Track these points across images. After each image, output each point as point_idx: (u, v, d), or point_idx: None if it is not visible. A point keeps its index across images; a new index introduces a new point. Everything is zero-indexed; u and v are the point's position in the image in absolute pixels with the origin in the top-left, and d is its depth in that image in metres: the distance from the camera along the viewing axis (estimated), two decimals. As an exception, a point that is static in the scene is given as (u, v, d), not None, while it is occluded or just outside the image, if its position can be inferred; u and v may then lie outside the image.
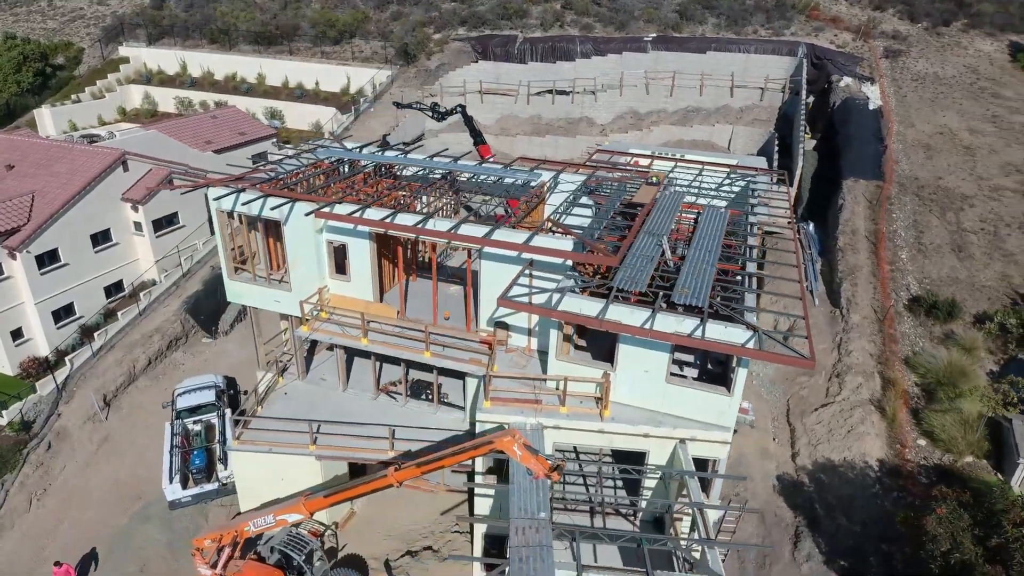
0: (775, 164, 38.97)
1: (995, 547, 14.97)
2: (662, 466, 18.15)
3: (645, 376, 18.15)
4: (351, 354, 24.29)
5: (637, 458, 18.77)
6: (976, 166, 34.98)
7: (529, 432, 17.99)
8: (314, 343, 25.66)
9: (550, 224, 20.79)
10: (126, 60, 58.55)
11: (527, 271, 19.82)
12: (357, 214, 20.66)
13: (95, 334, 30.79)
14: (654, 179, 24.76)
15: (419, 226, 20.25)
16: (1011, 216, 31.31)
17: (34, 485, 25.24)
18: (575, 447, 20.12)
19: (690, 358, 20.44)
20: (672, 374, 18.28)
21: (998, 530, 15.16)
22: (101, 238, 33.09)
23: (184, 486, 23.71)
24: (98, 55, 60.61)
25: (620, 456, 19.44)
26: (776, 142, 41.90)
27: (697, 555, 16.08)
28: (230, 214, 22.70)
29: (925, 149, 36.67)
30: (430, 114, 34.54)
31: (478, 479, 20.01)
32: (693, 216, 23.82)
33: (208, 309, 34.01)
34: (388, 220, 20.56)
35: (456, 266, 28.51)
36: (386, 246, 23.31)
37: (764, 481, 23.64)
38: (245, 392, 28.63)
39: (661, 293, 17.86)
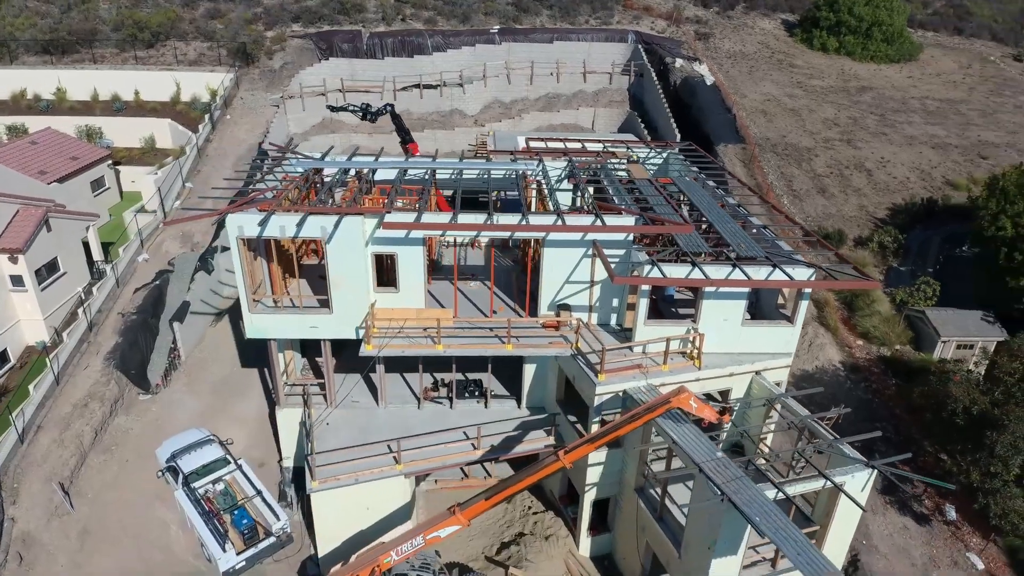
0: (649, 139, 44.04)
1: (1000, 395, 20.39)
2: (754, 396, 20.97)
3: (724, 324, 20.79)
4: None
5: (713, 398, 21.43)
6: (805, 124, 43.30)
7: (645, 392, 19.64)
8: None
9: (593, 206, 22.26)
10: None
11: (591, 252, 21.23)
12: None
13: (12, 416, 24.93)
14: (636, 158, 27.33)
15: (487, 223, 20.47)
16: (847, 159, 39.64)
17: (20, 612, 20.39)
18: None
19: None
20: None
21: (997, 385, 20.65)
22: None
23: (236, 551, 21.04)
24: None
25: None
26: (640, 120, 47.17)
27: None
28: (248, 241, 20.48)
29: (763, 114, 44.29)
30: (360, 115, 33.15)
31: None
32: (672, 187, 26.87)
33: (135, 362, 29.19)
34: (452, 222, 20.43)
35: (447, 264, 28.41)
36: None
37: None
38: (231, 442, 25.65)
39: (724, 251, 20.59)
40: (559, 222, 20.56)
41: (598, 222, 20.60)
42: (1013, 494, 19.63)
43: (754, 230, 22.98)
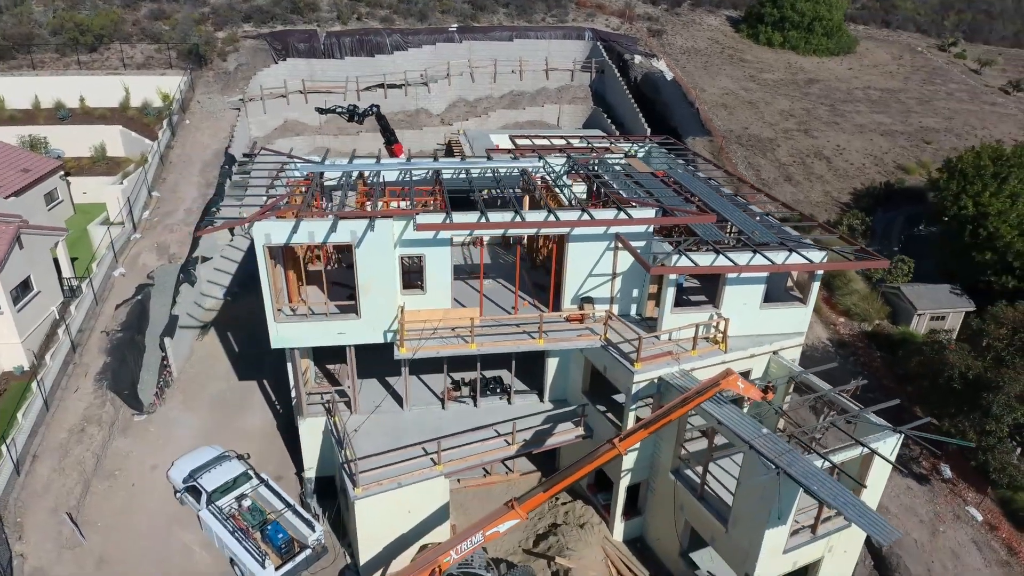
0: (618, 134, 45.09)
1: (991, 360, 22.25)
2: (772, 375, 22.05)
3: (744, 308, 21.78)
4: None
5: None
6: (764, 116, 45.37)
7: (680, 377, 20.38)
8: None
9: (612, 199, 22.84)
10: None
11: (613, 245, 21.81)
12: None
13: (4, 447, 23.36)
14: (633, 152, 28.07)
15: (513, 220, 20.70)
16: (806, 148, 41.83)
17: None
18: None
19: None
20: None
21: (989, 350, 22.52)
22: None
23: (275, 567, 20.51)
24: None
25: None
26: (606, 116, 48.19)
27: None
28: (272, 249, 20.00)
29: (724, 108, 46.12)
30: (347, 117, 32.56)
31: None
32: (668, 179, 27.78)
33: (126, 381, 27.81)
34: (482, 221, 20.56)
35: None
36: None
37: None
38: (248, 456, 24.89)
39: (740, 237, 21.58)
40: (584, 216, 21.01)
41: (622, 215, 21.16)
42: (1008, 448, 21.46)
43: (756, 217, 24.12)
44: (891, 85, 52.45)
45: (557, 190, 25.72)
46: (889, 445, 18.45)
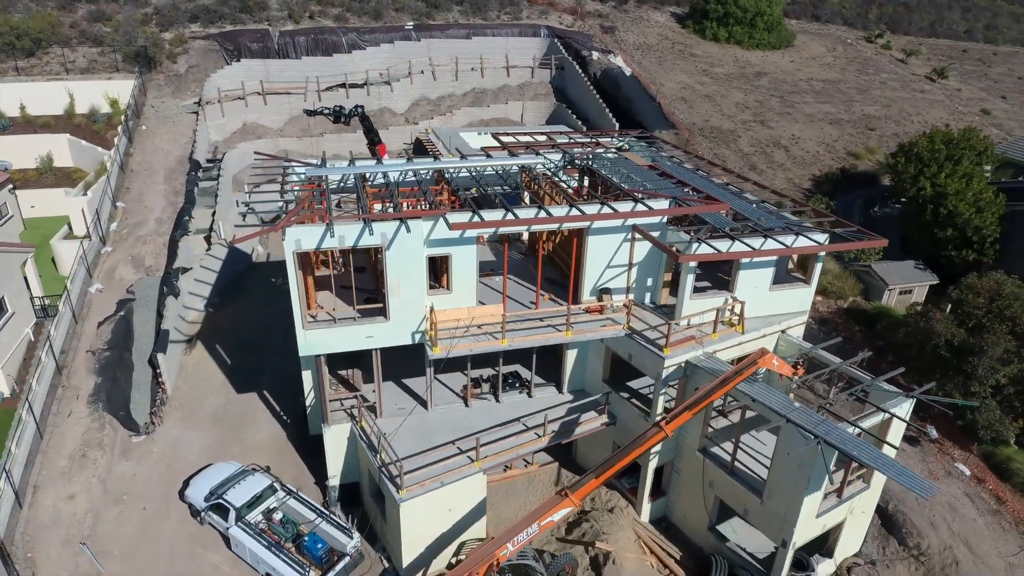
0: (585, 129, 46.01)
1: (972, 327, 24.28)
2: (782, 352, 23.27)
3: (755, 290, 22.93)
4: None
5: (753, 358, 23.57)
6: (721, 108, 47.29)
7: (705, 361, 21.29)
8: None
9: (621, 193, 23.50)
10: None
11: (630, 236, 22.52)
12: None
13: (2, 481, 21.88)
14: (626, 146, 28.86)
15: (536, 216, 21.06)
16: (764, 138, 43.94)
17: None
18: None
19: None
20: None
21: (969, 319, 24.55)
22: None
23: (314, 578, 20.19)
24: None
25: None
26: (570, 111, 49.03)
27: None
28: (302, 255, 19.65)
29: (683, 101, 47.80)
30: (332, 118, 31.97)
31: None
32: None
33: (120, 402, 26.51)
34: (508, 218, 20.83)
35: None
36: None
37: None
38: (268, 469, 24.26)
39: (748, 224, 22.72)
40: (605, 209, 21.60)
41: (640, 207, 21.87)
42: (992, 406, 23.51)
43: (753, 204, 25.37)
44: (831, 76, 55.64)
45: (563, 184, 26.16)
46: (904, 409, 19.95)
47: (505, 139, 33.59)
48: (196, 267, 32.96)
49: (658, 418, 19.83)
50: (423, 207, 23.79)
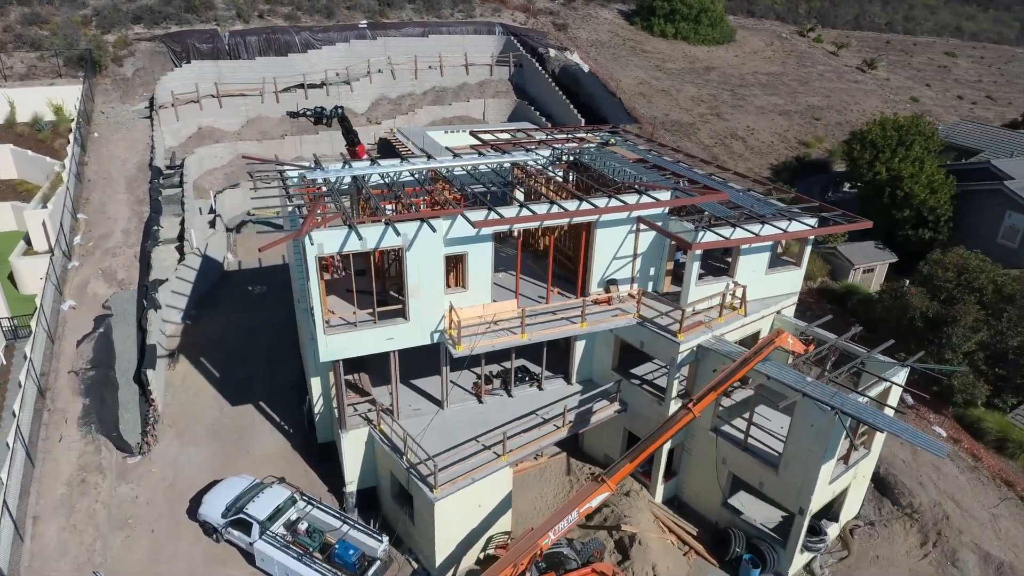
0: (549, 125, 46.66)
1: (943, 299, 26.25)
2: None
3: (753, 274, 24.08)
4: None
5: (752, 340, 24.77)
6: (678, 102, 48.88)
7: (715, 344, 22.25)
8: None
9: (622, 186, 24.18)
10: None
11: (635, 227, 23.25)
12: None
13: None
14: (612, 141, 29.58)
15: (551, 211, 21.48)
16: (722, 130, 45.73)
17: None
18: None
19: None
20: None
21: (940, 292, 26.50)
22: None
23: (351, 585, 20.01)
24: None
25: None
26: (532, 108, 49.54)
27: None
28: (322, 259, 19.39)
29: (642, 96, 49.13)
30: (313, 120, 31.31)
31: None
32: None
33: (110, 422, 25.31)
34: (525, 214, 21.14)
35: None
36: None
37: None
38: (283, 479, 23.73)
39: (743, 211, 23.84)
40: (613, 202, 22.22)
41: (644, 198, 22.60)
42: (967, 371, 25.52)
43: (740, 192, 26.59)
44: (773, 70, 58.33)
45: (559, 179, 26.64)
46: (902, 377, 21.48)
47: (485, 137, 33.86)
48: (172, 278, 31.73)
49: (684, 401, 20.57)
50: (424, 207, 23.76)
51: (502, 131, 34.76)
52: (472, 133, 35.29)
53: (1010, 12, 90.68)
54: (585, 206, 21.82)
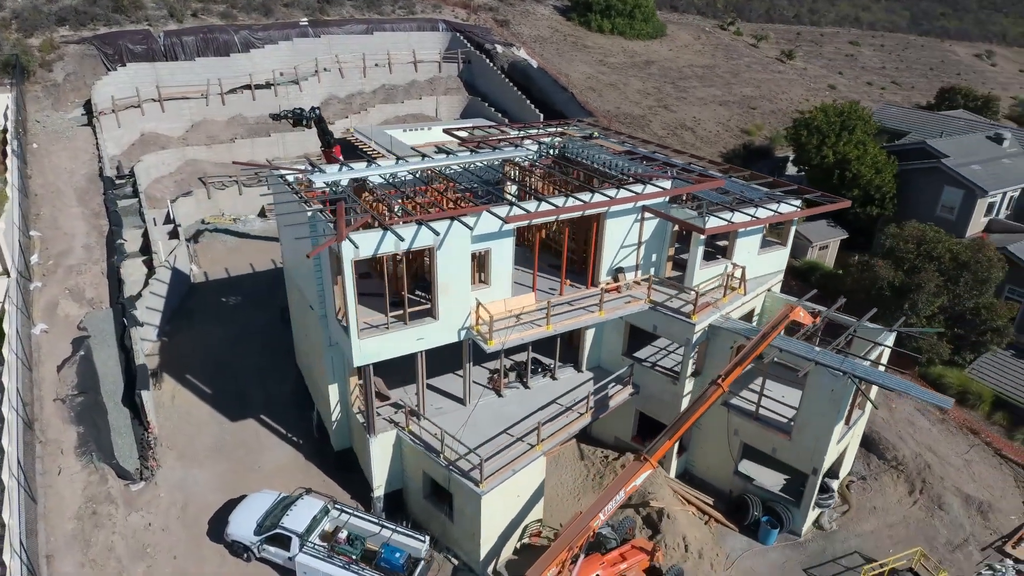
0: (506, 121, 47.17)
1: (907, 269, 28.83)
2: (768, 308, 26.22)
3: (747, 256, 25.63)
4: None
5: (748, 317, 26.35)
6: (627, 96, 50.54)
7: (725, 323, 23.60)
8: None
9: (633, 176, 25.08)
10: None
11: (640, 216, 24.26)
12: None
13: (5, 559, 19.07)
14: (595, 134, 30.45)
15: (566, 205, 22.10)
16: (671, 122, 47.74)
17: None
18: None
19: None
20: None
21: (903, 262, 29.06)
22: None
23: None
24: None
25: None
26: (486, 104, 49.83)
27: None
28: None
29: (592, 90, 50.47)
30: (292, 122, 30.40)
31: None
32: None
33: (106, 447, 23.88)
34: (541, 209, 21.67)
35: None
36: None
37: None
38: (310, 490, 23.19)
39: (734, 196, 25.38)
40: (622, 193, 23.10)
41: (649, 188, 23.61)
42: (945, 333, 28.19)
43: (726, 179, 28.14)
44: (705, 62, 61.22)
45: (556, 174, 27.22)
46: (891, 340, 23.56)
47: (460, 134, 33.99)
48: (146, 294, 30.11)
49: (714, 377, 21.69)
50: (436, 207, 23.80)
51: (472, 128, 34.92)
52: (445, 131, 35.35)
53: (899, 2, 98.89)
54: (598, 198, 22.56)
